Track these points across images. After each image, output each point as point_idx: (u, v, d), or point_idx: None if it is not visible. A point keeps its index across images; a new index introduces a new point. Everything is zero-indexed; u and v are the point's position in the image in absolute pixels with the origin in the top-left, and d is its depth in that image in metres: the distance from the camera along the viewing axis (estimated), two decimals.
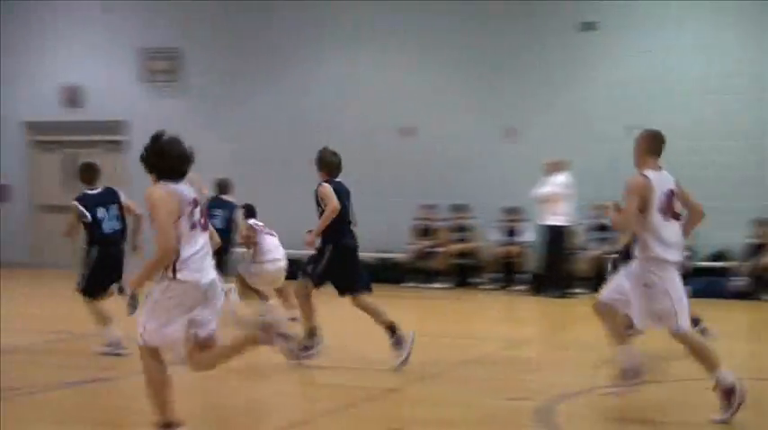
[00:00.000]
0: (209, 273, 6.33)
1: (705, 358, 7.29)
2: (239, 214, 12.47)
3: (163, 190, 6.29)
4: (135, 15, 19.50)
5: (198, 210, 6.37)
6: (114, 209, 10.24)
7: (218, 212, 12.21)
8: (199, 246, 6.29)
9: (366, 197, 17.50)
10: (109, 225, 10.15)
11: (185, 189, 6.37)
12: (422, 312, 14.99)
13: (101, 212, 10.14)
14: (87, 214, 10.08)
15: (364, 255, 16.34)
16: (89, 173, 10.47)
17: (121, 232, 10.24)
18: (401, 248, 17.43)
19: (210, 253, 6.44)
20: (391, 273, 17.41)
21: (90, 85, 19.86)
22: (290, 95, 18.55)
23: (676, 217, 7.49)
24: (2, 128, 20.28)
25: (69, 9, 19.97)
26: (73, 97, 19.96)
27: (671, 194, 7.43)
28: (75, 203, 10.17)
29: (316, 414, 7.82)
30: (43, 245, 19.49)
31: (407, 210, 17.38)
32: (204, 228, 6.41)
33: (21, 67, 20.20)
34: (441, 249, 17.17)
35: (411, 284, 17.12)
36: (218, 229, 8.36)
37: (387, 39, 18.17)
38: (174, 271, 6.17)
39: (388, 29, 18.14)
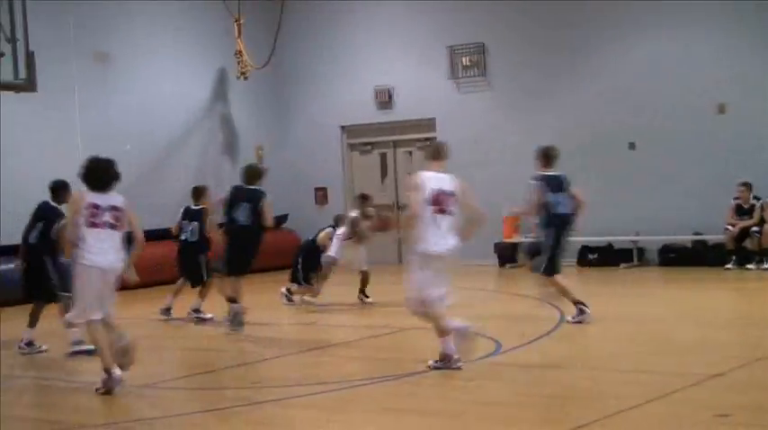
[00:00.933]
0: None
1: None
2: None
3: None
4: (443, 14, 19.85)
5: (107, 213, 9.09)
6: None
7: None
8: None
9: (683, 177, 17.41)
10: None
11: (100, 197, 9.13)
12: (744, 295, 14.59)
13: None
14: None
15: (682, 238, 16.14)
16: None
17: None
18: (718, 229, 16.94)
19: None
20: (711, 255, 17.02)
21: (399, 85, 20.47)
22: (596, 82, 18.41)
23: None
24: (322, 133, 21.29)
25: (376, 12, 20.67)
26: (386, 99, 20.64)
27: None
28: None
29: (641, 399, 7.75)
30: None
31: (724, 189, 16.86)
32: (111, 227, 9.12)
33: (337, 72, 21.12)
34: (757, 228, 16.50)
35: (730, 266, 16.58)
36: None
37: (693, 15, 17.70)
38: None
39: (693, 6, 17.67)
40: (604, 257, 18.08)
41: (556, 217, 11.60)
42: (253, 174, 12.83)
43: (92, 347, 9.78)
